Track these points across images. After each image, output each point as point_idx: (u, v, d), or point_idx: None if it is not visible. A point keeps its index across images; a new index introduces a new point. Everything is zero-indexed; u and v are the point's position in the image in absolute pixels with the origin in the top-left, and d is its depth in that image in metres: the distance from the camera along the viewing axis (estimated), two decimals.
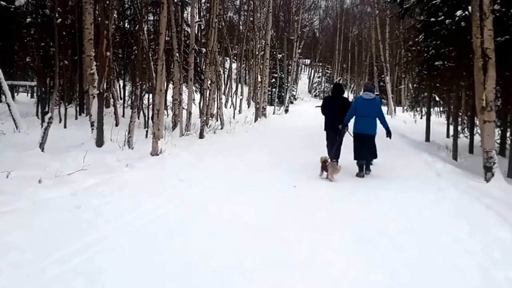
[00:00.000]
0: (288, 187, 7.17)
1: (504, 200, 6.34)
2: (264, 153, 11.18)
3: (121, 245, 4.29)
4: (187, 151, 11.20)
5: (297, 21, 31.05)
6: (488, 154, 8.16)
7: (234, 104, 25.67)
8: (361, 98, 8.79)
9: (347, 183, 7.72)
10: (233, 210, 5.73)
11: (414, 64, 16.49)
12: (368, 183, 7.67)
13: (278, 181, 7.65)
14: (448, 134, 19.74)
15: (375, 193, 6.81)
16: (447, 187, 7.21)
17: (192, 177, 7.75)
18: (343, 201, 6.35)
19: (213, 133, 16.40)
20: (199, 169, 8.58)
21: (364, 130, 8.50)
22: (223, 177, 7.95)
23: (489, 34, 7.95)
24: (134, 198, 6.07)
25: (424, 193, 6.74)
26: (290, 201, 6.30)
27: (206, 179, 7.63)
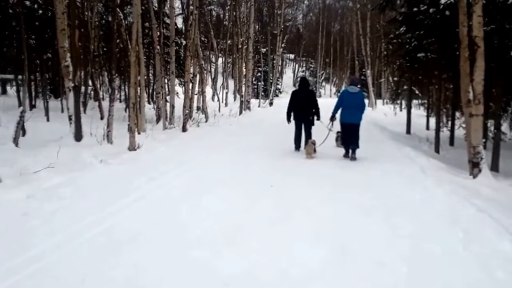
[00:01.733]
0: (265, 186, 6.33)
1: (495, 200, 5.57)
2: (244, 147, 10.40)
3: (58, 268, 3.38)
4: (167, 145, 10.35)
5: (280, 15, 30.05)
6: (475, 149, 7.39)
7: (219, 97, 24.70)
8: (347, 91, 9.29)
9: (329, 181, 6.91)
10: (203, 213, 4.87)
11: (395, 57, 15.68)
12: (348, 182, 6.81)
13: (255, 177, 6.82)
14: (427, 126, 19.12)
15: (354, 197, 5.97)
16: (433, 186, 6.41)
17: (165, 174, 6.88)
18: (322, 206, 5.53)
19: (196, 126, 15.51)
20: (174, 165, 7.69)
21: (349, 119, 9.02)
22: (198, 173, 7.10)
23: (478, 21, 7.14)
24: (94, 201, 5.18)
25: (410, 194, 5.92)
26: (268, 202, 5.47)
27: (179, 176, 6.78)
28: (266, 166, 7.91)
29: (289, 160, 8.76)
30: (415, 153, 9.53)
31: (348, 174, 7.32)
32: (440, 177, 7.07)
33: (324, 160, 8.72)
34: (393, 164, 8.30)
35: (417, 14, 11.20)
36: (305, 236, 4.19)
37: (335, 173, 7.39)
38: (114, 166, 7.64)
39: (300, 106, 9.81)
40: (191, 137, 12.40)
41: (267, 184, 6.40)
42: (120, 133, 10.72)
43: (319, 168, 7.89)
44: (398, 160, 8.81)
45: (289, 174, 7.23)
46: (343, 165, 8.29)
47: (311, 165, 8.17)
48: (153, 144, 10.53)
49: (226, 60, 31.23)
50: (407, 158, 9.03)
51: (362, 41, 31.74)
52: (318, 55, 55.40)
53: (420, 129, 17.92)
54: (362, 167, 7.97)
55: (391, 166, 8.00)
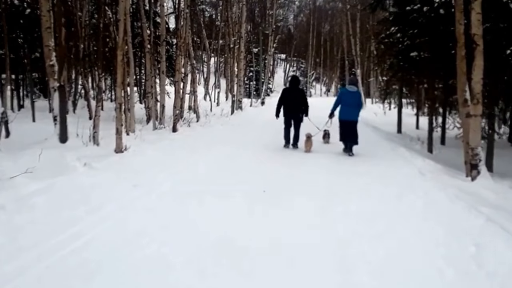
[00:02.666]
0: (258, 194, 5.78)
1: (502, 207, 5.06)
2: (235, 148, 9.86)
3: None
4: (155, 147, 9.76)
5: (271, 16, 29.47)
6: (473, 151, 6.89)
7: (211, 97, 24.10)
8: (346, 90, 9.63)
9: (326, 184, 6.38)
10: (191, 230, 4.29)
11: (386, 56, 15.18)
12: (346, 188, 6.27)
13: (248, 182, 6.27)
14: (417, 125, 18.67)
15: (354, 201, 5.44)
16: (434, 189, 5.91)
17: (150, 179, 6.29)
18: (316, 216, 5.00)
19: (187, 126, 14.91)
20: (160, 168, 7.11)
21: (348, 117, 9.27)
22: (185, 178, 6.53)
23: (477, 18, 6.63)
24: (69, 213, 4.57)
25: (410, 199, 5.41)
26: (258, 211, 4.93)
27: (165, 182, 6.19)
28: (259, 170, 7.39)
29: (282, 160, 8.24)
30: (410, 154, 9.04)
31: (344, 179, 6.78)
32: (439, 179, 6.57)
33: (319, 163, 8.22)
34: (390, 165, 7.80)
35: (410, 13, 10.70)
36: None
37: (330, 179, 6.83)
38: (98, 170, 7.03)
39: (290, 104, 9.92)
40: (181, 138, 11.83)
41: (260, 190, 5.85)
42: (108, 133, 10.12)
43: (314, 172, 7.40)
44: (394, 161, 8.31)
45: (282, 181, 6.68)
46: (338, 168, 7.76)
47: (304, 169, 7.66)
48: (141, 145, 9.95)
49: (218, 60, 30.60)
50: (403, 159, 8.54)
51: (352, 41, 31.28)
52: (308, 55, 55.02)
53: (410, 128, 17.46)
54: (358, 171, 7.44)
55: (388, 168, 7.50)
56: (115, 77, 14.01)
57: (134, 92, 17.09)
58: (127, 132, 11.80)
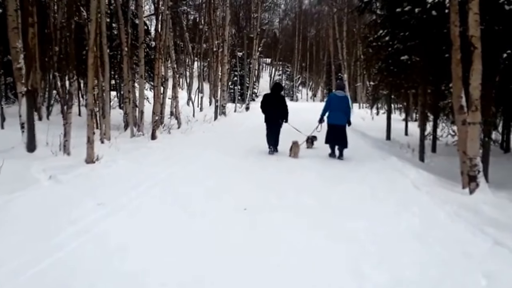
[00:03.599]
0: (236, 210, 5.25)
1: (508, 227, 4.57)
2: (217, 157, 9.35)
3: None
4: (131, 157, 9.19)
5: (256, 19, 29.01)
6: (471, 161, 6.46)
7: (194, 102, 23.51)
8: (334, 95, 9.89)
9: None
10: (159, 264, 3.72)
11: (375, 60, 14.79)
12: (335, 206, 5.76)
13: (229, 200, 5.73)
14: (406, 131, 18.35)
15: (344, 222, 4.94)
16: (431, 205, 5.45)
17: (119, 196, 5.70)
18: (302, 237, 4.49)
19: (167, 133, 14.32)
20: (132, 183, 6.52)
21: (336, 121, 9.52)
22: (158, 195, 5.95)
23: (474, 19, 6.21)
24: (19, 239, 4.00)
25: (407, 219, 4.93)
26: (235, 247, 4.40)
27: (134, 200, 5.62)
28: (240, 182, 6.87)
29: (265, 174, 7.72)
30: (402, 164, 8.58)
31: (333, 196, 6.27)
32: (435, 194, 6.11)
33: (306, 176, 7.72)
34: (381, 178, 7.33)
35: (401, 15, 10.30)
36: None
37: (318, 196, 6.30)
38: (63, 184, 6.45)
39: (270, 110, 10.17)
40: (160, 146, 11.24)
41: (241, 209, 5.32)
42: (82, 141, 9.41)
43: (301, 179, 6.90)
44: (386, 172, 7.83)
45: (264, 199, 6.15)
46: (326, 182, 7.24)
47: (290, 183, 7.15)
48: (115, 155, 9.37)
49: (202, 64, 30.04)
50: (395, 170, 8.06)
51: (339, 45, 31.02)
52: (294, 60, 54.80)
53: (399, 134, 17.11)
54: (349, 183, 6.97)
55: (380, 181, 7.03)
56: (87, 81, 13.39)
57: (110, 97, 16.48)
58: (102, 140, 11.19)
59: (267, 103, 10.25)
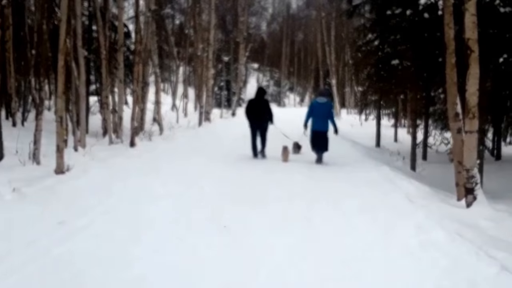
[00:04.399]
0: (215, 229, 4.76)
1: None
2: (197, 167, 8.82)
3: None
4: (105, 166, 8.65)
5: (242, 23, 28.59)
6: (468, 173, 6.05)
7: (177, 108, 22.99)
8: (316, 102, 10.12)
9: None
10: None
11: (364, 65, 14.44)
12: (323, 221, 5.27)
13: (206, 216, 5.23)
14: (396, 138, 18.05)
15: (332, 241, 4.48)
16: (428, 222, 4.99)
17: (84, 212, 5.16)
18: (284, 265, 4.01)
19: (148, 140, 13.76)
20: (100, 196, 5.98)
21: (319, 127, 9.70)
22: (127, 212, 5.41)
23: (471, 20, 5.82)
24: None
25: (402, 238, 4.47)
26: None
27: (102, 216, 5.09)
28: (220, 196, 6.37)
29: (248, 188, 7.22)
30: (394, 174, 8.16)
31: (321, 210, 5.80)
32: (431, 208, 5.67)
33: (293, 186, 7.25)
34: (372, 189, 6.85)
35: (392, 18, 9.93)
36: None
37: (305, 209, 5.81)
38: (27, 198, 5.91)
39: (255, 114, 10.26)
40: (138, 154, 10.72)
41: (220, 227, 4.83)
42: (55, 149, 9.00)
43: (287, 191, 6.42)
44: (378, 183, 7.36)
45: (247, 214, 5.67)
46: (314, 193, 6.77)
47: (275, 193, 6.68)
48: (89, 164, 8.82)
49: (186, 69, 29.51)
50: (387, 180, 7.62)
51: (327, 50, 30.69)
52: (282, 65, 54.50)
53: (389, 141, 16.78)
54: (337, 195, 6.50)
55: (371, 194, 6.55)
56: (61, 85, 12.79)
57: (88, 102, 15.90)
58: (76, 148, 10.61)
59: (252, 108, 10.39)
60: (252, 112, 10.31)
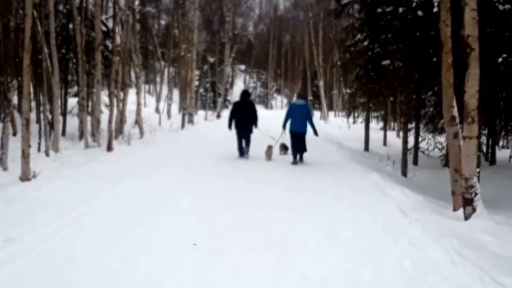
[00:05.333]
0: (185, 247, 4.21)
1: None
2: (175, 174, 8.30)
3: None
4: (74, 173, 8.03)
5: (228, 23, 28.01)
6: (467, 182, 5.57)
7: (160, 110, 22.35)
8: (295, 104, 10.52)
9: None
10: None
11: (352, 66, 13.97)
12: (307, 238, 4.73)
13: (176, 232, 4.67)
14: (385, 141, 17.62)
15: (314, 263, 3.95)
16: (424, 239, 4.49)
17: (39, 227, 4.56)
18: None
19: (127, 144, 13.14)
20: (61, 209, 5.36)
21: (297, 128, 10.02)
22: (90, 224, 4.83)
23: (471, 16, 5.35)
24: None
25: (395, 260, 3.94)
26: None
27: (57, 232, 4.49)
28: (193, 208, 5.82)
29: (229, 193, 6.68)
30: (384, 181, 7.65)
31: (305, 220, 5.28)
32: (427, 221, 5.17)
33: (275, 198, 6.72)
34: (361, 200, 6.33)
35: (383, 16, 9.46)
36: None
37: (287, 221, 5.28)
38: None
39: (241, 116, 10.58)
40: (114, 160, 10.11)
41: (190, 244, 4.28)
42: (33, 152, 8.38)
43: (270, 202, 5.88)
44: (367, 192, 6.84)
45: (223, 229, 5.13)
46: (300, 201, 6.27)
47: (260, 197, 6.13)
48: (58, 170, 8.22)
49: (170, 70, 28.84)
50: (377, 189, 7.11)
51: (315, 51, 30.25)
52: (269, 66, 54.04)
53: (377, 145, 16.34)
54: (323, 206, 5.97)
55: (360, 205, 6.01)
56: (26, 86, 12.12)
57: (65, 104, 15.27)
58: (47, 152, 9.97)
59: (237, 110, 10.76)
60: (238, 114, 10.63)
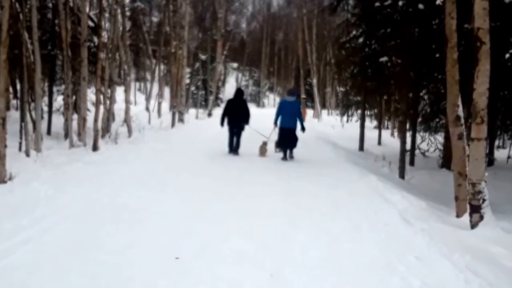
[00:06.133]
0: (164, 263, 3.73)
1: None
2: (161, 176, 7.77)
3: None
4: (54, 175, 7.49)
5: (220, 19, 27.45)
6: (475, 187, 5.14)
7: (149, 108, 21.81)
8: (285, 101, 10.92)
9: None
10: None
11: (347, 64, 13.53)
12: (297, 254, 4.28)
13: (154, 244, 4.19)
14: (379, 141, 17.23)
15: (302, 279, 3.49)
16: (433, 253, 4.05)
17: (4, 239, 4.08)
18: None
19: (114, 143, 12.61)
20: (29, 218, 4.83)
21: (287, 124, 10.31)
22: (60, 236, 4.31)
23: (482, 6, 4.91)
24: None
25: (403, 279, 3.46)
26: None
27: (19, 247, 3.97)
28: (177, 216, 5.34)
29: (215, 202, 6.21)
30: (383, 185, 7.19)
31: (299, 228, 4.81)
32: (433, 231, 4.73)
33: (269, 198, 6.25)
34: (360, 206, 5.85)
35: (381, 10, 9.02)
36: None
37: (278, 229, 4.83)
38: None
39: (233, 114, 10.88)
40: (99, 160, 9.58)
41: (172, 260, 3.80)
42: (11, 152, 7.87)
43: (262, 207, 5.41)
44: (365, 197, 6.38)
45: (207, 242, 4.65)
46: (293, 206, 5.80)
47: (251, 204, 5.66)
48: (38, 172, 7.68)
49: (160, 68, 28.24)
50: (376, 193, 6.66)
51: (308, 48, 29.77)
52: (262, 64, 53.57)
53: (372, 144, 15.91)
54: (319, 213, 5.50)
55: (359, 212, 5.53)
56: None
57: (40, 101, 14.70)
58: (27, 152, 9.43)
59: (230, 108, 11.01)
60: (230, 112, 10.91)
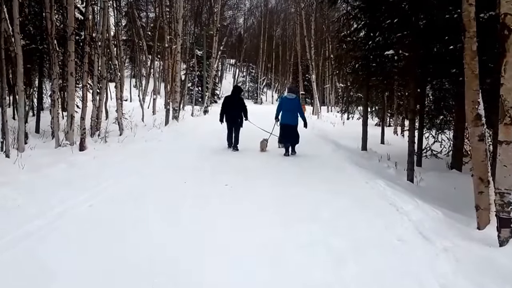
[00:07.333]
0: None
1: None
2: (149, 180, 7.14)
3: None
4: (31, 178, 6.98)
5: (216, 14, 26.70)
6: (503, 197, 4.44)
7: (143, 105, 21.11)
8: (285, 98, 11.20)
9: None
10: None
11: (348, 58, 12.86)
12: (298, 272, 3.63)
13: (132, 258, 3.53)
14: (382, 139, 16.53)
15: None
16: (459, 280, 3.39)
17: None
18: None
19: (104, 142, 11.96)
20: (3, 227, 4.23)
21: (288, 121, 10.63)
22: (24, 260, 3.68)
23: None
24: None
25: None
26: None
27: None
28: (164, 226, 4.68)
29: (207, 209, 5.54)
30: (392, 190, 6.51)
31: (298, 245, 4.16)
32: (458, 251, 4.02)
33: (266, 206, 5.59)
34: (368, 217, 5.15)
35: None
36: None
37: (274, 249, 4.18)
38: None
39: (231, 110, 11.33)
40: (85, 161, 8.99)
41: None
42: None
43: (258, 217, 4.75)
44: (373, 206, 5.69)
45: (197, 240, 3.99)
46: (293, 217, 5.14)
47: (246, 211, 5.00)
48: (15, 175, 7.09)
49: (155, 64, 27.52)
50: (385, 201, 5.97)
51: (307, 43, 29.05)
52: (259, 60, 52.91)
53: (374, 142, 15.19)
54: (320, 224, 4.82)
55: (368, 225, 4.88)
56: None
57: (23, 98, 14.03)
58: (7, 153, 8.76)
59: (228, 104, 11.41)
60: (228, 108, 11.32)
